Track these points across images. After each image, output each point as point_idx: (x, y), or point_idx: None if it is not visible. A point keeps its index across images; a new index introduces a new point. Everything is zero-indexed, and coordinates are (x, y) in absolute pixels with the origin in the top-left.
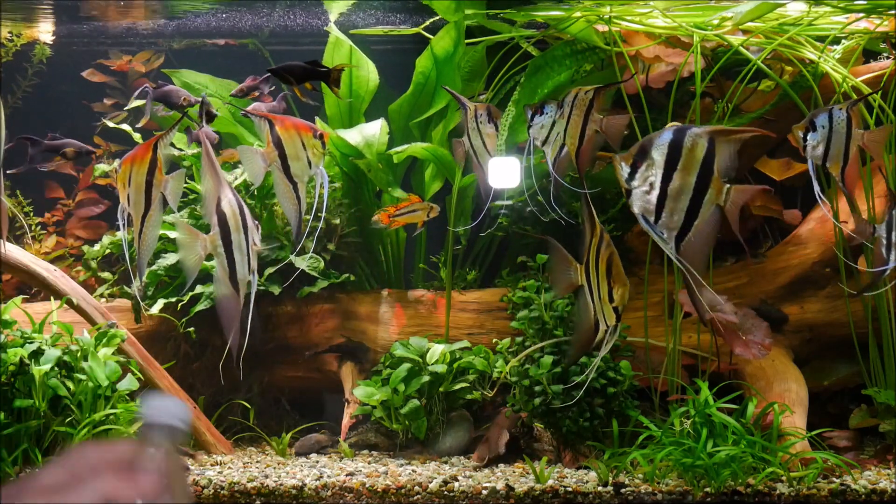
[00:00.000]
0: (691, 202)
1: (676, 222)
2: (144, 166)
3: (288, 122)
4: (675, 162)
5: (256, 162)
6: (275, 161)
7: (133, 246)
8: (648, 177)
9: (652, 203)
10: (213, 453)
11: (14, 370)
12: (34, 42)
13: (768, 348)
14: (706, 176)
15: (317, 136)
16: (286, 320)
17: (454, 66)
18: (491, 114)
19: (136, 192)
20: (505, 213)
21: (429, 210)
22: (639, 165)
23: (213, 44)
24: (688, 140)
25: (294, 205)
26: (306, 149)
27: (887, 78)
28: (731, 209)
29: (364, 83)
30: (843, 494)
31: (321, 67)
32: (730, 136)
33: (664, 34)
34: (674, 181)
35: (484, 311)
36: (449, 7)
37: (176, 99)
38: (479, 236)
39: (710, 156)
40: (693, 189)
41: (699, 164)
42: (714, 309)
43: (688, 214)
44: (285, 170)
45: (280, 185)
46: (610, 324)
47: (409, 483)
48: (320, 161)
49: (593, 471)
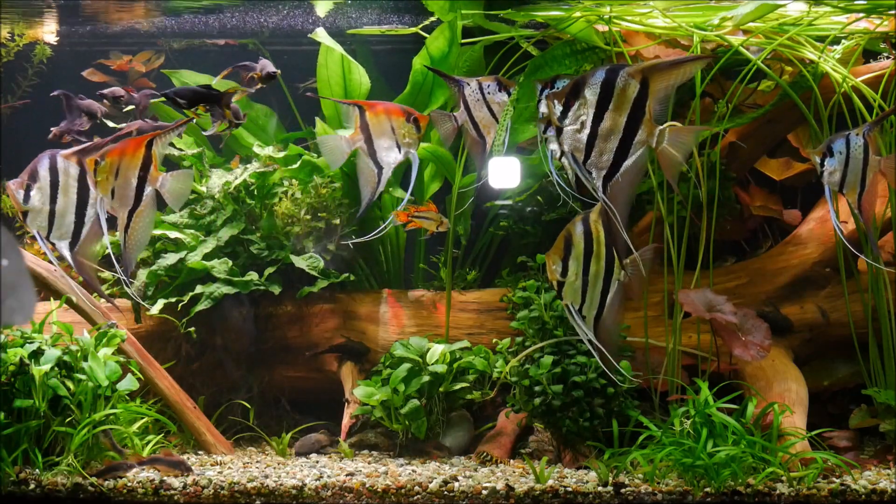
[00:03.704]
0: (621, 142)
1: (605, 162)
2: (136, 161)
3: (380, 107)
4: (606, 102)
5: (339, 146)
6: (360, 146)
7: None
8: (580, 116)
9: (582, 142)
10: (213, 453)
11: (14, 370)
12: (35, 42)
13: (767, 349)
14: (638, 117)
15: (410, 120)
16: (286, 320)
17: (449, 66)
18: (501, 84)
19: (124, 186)
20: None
21: (440, 223)
22: (571, 104)
23: (213, 44)
24: (620, 80)
25: (373, 187)
26: (396, 133)
27: (887, 78)
28: (665, 151)
29: (357, 87)
30: (843, 494)
31: (213, 91)
32: (664, 73)
33: (664, 34)
34: (605, 121)
35: (484, 311)
36: (443, 7)
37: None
38: (479, 236)
39: (642, 96)
40: (623, 129)
41: (630, 105)
42: (714, 309)
43: (617, 154)
44: (372, 154)
45: (364, 170)
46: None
47: (409, 483)
48: (415, 145)
49: (593, 471)
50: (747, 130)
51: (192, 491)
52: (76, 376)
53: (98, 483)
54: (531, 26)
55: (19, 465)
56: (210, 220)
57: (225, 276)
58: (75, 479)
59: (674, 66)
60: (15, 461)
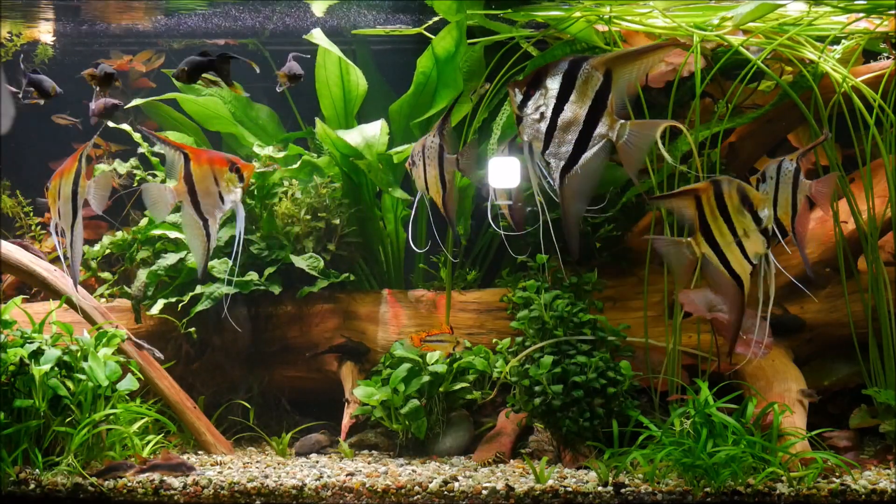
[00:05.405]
0: (580, 135)
1: (564, 154)
2: (70, 177)
3: (203, 156)
4: (567, 93)
5: (164, 197)
6: (185, 197)
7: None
8: (540, 106)
9: (541, 132)
10: (213, 453)
11: (14, 370)
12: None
13: (769, 348)
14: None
15: (233, 169)
16: (286, 320)
17: (455, 66)
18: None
19: (64, 203)
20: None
21: (455, 344)
22: (532, 94)
23: (213, 44)
24: (583, 71)
25: (203, 242)
26: (219, 184)
27: (887, 78)
28: (625, 147)
29: (354, 88)
30: (843, 494)
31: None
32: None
33: (664, 34)
34: (565, 112)
35: (484, 311)
36: (450, 7)
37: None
38: (479, 236)
39: (604, 89)
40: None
41: (592, 97)
42: (714, 309)
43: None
44: (195, 206)
45: (189, 223)
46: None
47: (409, 483)
48: (236, 194)
49: (593, 471)
50: (747, 130)
51: (192, 491)
52: (76, 376)
53: (98, 483)
54: (531, 27)
55: (19, 465)
56: None
57: (225, 276)
58: (75, 479)
59: (637, 56)
60: (15, 461)
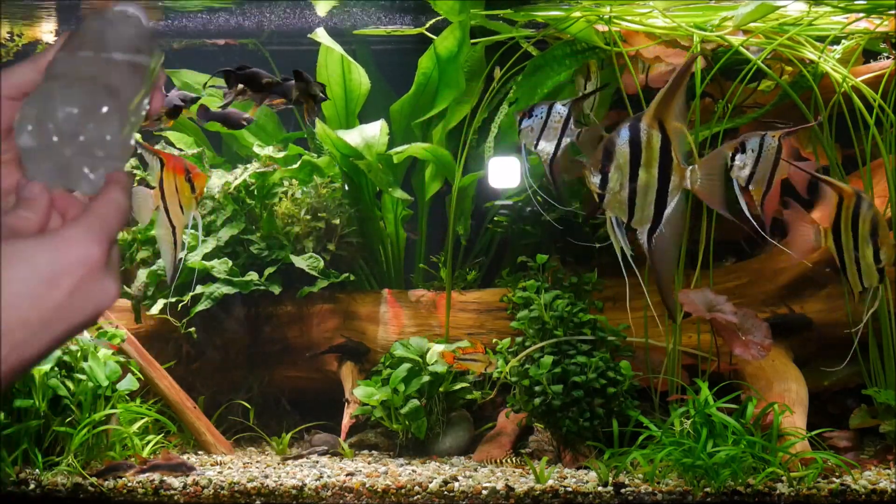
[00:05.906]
0: (658, 193)
1: (647, 217)
2: None
3: (171, 162)
4: (637, 158)
5: (146, 202)
6: (159, 202)
7: None
8: (617, 178)
9: (624, 202)
10: (213, 453)
11: None
12: (36, 42)
13: (768, 348)
14: (667, 164)
15: (186, 178)
16: (286, 320)
17: (458, 67)
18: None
19: None
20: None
21: (488, 364)
22: (607, 170)
23: (213, 44)
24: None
25: (171, 248)
26: (178, 192)
27: (887, 78)
28: (702, 189)
29: (356, 87)
30: (843, 494)
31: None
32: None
33: (664, 34)
34: (640, 177)
35: (484, 311)
36: (453, 7)
37: None
38: (479, 236)
39: (665, 142)
40: (658, 179)
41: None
42: (714, 309)
43: (657, 206)
44: (166, 211)
45: (161, 230)
46: (872, 284)
47: (409, 483)
48: (191, 205)
49: (593, 471)
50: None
51: (192, 491)
52: (76, 376)
53: (98, 483)
54: (531, 27)
55: (19, 465)
56: (210, 220)
57: (225, 276)
58: (75, 479)
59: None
60: (15, 461)
